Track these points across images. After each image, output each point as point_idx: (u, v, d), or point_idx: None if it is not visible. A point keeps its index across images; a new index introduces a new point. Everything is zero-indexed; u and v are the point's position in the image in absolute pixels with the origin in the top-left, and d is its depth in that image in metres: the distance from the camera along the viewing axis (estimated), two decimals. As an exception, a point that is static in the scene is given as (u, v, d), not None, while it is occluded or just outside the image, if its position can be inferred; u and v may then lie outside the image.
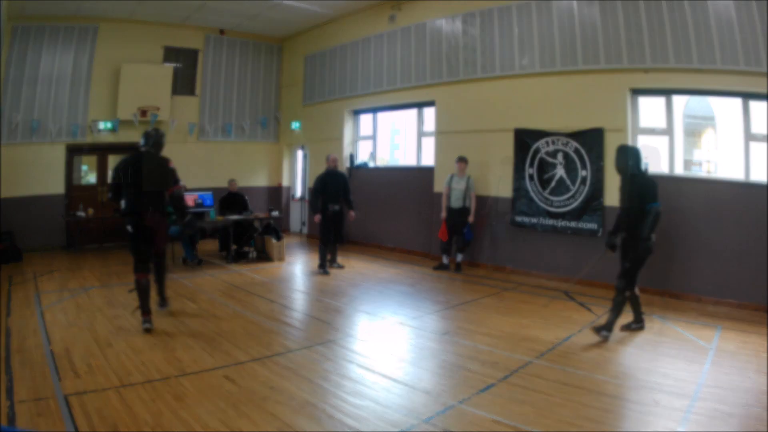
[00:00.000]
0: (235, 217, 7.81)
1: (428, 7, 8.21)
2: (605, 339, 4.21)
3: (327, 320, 4.83)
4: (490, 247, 7.51)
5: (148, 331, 4.28)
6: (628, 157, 4.30)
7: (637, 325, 4.52)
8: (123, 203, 4.46)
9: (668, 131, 5.98)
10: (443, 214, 7.20)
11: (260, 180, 11.40)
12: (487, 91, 7.47)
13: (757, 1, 5.02)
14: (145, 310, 4.37)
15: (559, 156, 6.61)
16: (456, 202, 7.13)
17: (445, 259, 7.35)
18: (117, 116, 9.24)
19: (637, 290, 4.42)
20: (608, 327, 4.24)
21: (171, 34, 9.89)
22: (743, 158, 5.45)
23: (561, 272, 6.63)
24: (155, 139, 4.58)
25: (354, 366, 3.69)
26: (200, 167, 10.14)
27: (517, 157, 7.05)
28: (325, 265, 7.14)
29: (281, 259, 7.92)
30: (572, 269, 6.43)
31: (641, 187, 4.22)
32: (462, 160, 7.16)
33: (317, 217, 7.05)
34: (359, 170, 9.65)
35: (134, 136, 9.55)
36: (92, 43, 8.97)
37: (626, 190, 4.31)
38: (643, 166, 4.31)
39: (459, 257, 7.28)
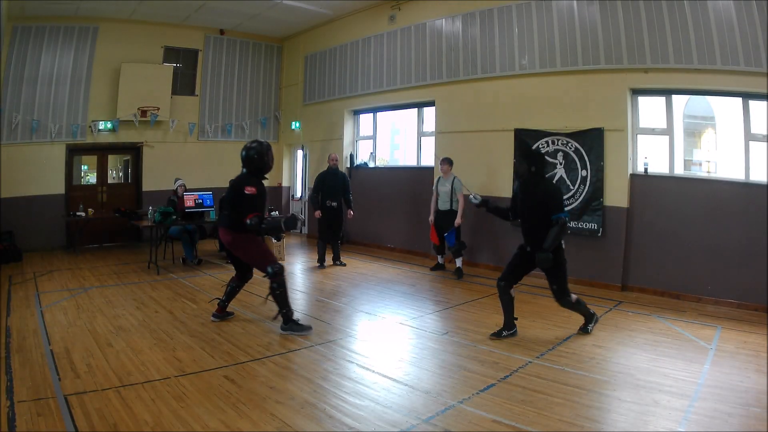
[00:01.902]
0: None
1: (428, 7, 8.21)
2: (591, 331, 4.40)
3: (327, 320, 4.83)
4: (490, 247, 7.50)
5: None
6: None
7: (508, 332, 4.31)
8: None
9: (668, 131, 5.98)
10: (431, 218, 7.04)
11: (260, 180, 11.38)
12: (487, 91, 7.46)
13: (757, 1, 5.02)
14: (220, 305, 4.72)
15: (559, 156, 6.61)
16: (443, 205, 6.85)
17: (440, 259, 7.33)
18: (117, 116, 9.23)
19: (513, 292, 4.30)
20: (590, 320, 4.43)
21: (171, 34, 9.88)
22: (743, 158, 5.45)
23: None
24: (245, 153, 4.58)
25: (354, 366, 3.69)
26: (200, 167, 10.14)
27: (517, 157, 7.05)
28: (323, 260, 7.24)
29: (281, 258, 7.92)
30: (572, 269, 6.40)
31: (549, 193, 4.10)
32: (446, 162, 6.91)
33: (318, 213, 7.23)
34: (359, 170, 9.65)
35: (134, 136, 9.60)
36: (92, 43, 8.97)
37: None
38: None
39: (458, 262, 6.88)
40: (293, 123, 11.03)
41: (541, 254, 3.94)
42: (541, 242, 4.01)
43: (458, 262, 6.90)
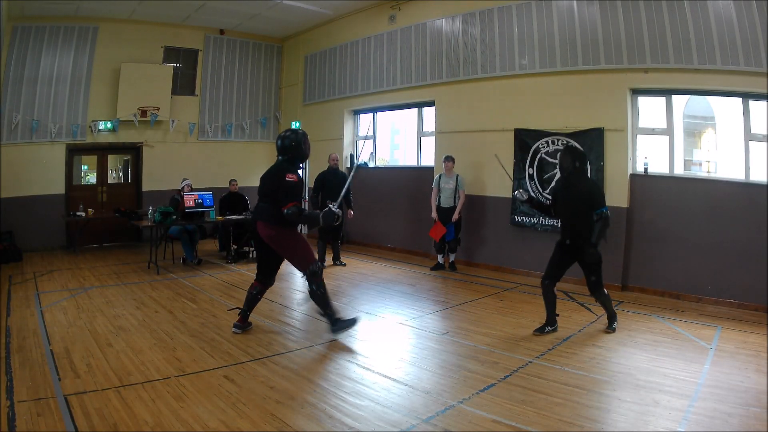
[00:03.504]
0: (235, 217, 7.82)
1: (428, 7, 8.21)
2: (614, 330, 4.44)
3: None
4: (490, 247, 7.51)
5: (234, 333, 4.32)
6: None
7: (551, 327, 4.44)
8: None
9: (668, 131, 5.98)
10: (433, 215, 7.17)
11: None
12: (487, 91, 7.46)
13: (757, 1, 5.02)
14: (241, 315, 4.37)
15: (559, 156, 6.60)
16: (446, 201, 7.14)
17: (440, 259, 7.39)
18: (117, 116, 9.23)
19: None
20: (614, 319, 4.52)
21: (171, 34, 9.88)
22: (743, 158, 5.45)
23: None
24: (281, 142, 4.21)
25: (354, 366, 3.69)
26: (200, 167, 10.14)
27: (517, 157, 7.05)
28: (323, 260, 7.30)
29: (281, 259, 7.91)
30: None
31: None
32: (449, 160, 7.16)
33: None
34: (359, 170, 9.64)
35: (134, 136, 9.60)
36: (92, 43, 8.96)
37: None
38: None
39: (452, 257, 7.30)
40: (293, 123, 11.01)
41: (590, 249, 4.11)
42: (580, 235, 4.17)
43: (452, 257, 7.31)
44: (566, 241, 4.33)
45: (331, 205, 4.09)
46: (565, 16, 6.51)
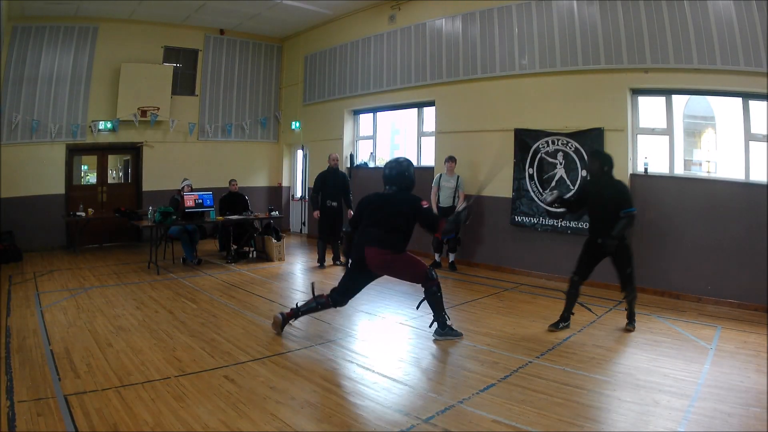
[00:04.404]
0: (235, 217, 7.82)
1: (428, 7, 8.21)
2: (633, 329, 4.53)
3: (327, 320, 4.83)
4: (490, 247, 7.51)
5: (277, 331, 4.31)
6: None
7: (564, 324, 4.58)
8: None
9: (668, 131, 5.98)
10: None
11: (260, 180, 11.40)
12: (487, 91, 7.47)
13: (757, 1, 5.02)
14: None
15: (559, 156, 6.61)
16: (446, 201, 7.19)
17: (437, 257, 7.42)
18: (117, 116, 9.23)
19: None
20: (633, 319, 4.63)
21: (171, 34, 9.89)
22: (743, 158, 5.45)
23: (561, 272, 6.62)
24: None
25: (354, 366, 3.69)
26: (200, 167, 10.15)
27: (517, 157, 7.05)
28: (323, 260, 7.28)
29: (281, 259, 7.92)
30: (573, 269, 6.41)
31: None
32: (451, 159, 7.22)
33: (316, 213, 7.27)
34: (359, 170, 9.65)
35: (134, 136, 9.60)
36: (92, 43, 8.97)
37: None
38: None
39: (452, 257, 7.32)
40: (293, 123, 11.04)
41: (608, 240, 4.28)
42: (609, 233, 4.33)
43: (451, 257, 7.32)
44: (597, 240, 4.48)
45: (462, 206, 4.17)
46: (565, 16, 6.51)
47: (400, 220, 4.06)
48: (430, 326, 4.32)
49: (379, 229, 4.06)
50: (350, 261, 4.32)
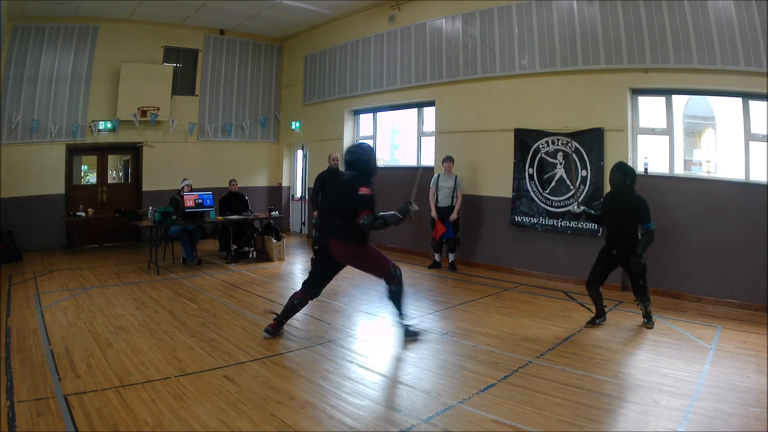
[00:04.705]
0: (235, 217, 7.82)
1: (428, 7, 8.21)
2: (652, 326, 4.63)
3: (327, 320, 4.84)
4: (490, 247, 7.51)
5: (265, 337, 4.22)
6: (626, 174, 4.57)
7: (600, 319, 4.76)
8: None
9: (668, 131, 5.98)
10: (433, 214, 7.22)
11: (260, 180, 11.40)
12: (487, 91, 7.46)
13: (757, 1, 5.01)
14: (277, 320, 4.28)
15: (559, 156, 6.61)
16: (444, 201, 7.19)
17: (437, 257, 7.43)
18: (117, 116, 9.23)
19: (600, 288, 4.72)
20: (649, 317, 4.71)
21: (171, 34, 9.88)
22: (743, 158, 5.45)
23: (561, 272, 6.63)
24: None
25: (354, 366, 3.69)
26: (200, 167, 10.15)
27: (517, 157, 7.05)
28: None
29: (281, 259, 7.92)
30: (572, 269, 6.43)
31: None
32: (449, 160, 7.22)
33: (315, 213, 7.24)
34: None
35: (134, 136, 9.60)
36: (92, 43, 8.97)
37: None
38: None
39: (451, 257, 7.32)
40: (293, 123, 11.04)
41: (635, 259, 4.36)
42: (627, 246, 4.44)
43: (451, 257, 7.32)
44: (613, 251, 4.57)
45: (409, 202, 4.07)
46: (565, 16, 6.51)
47: (353, 207, 3.92)
48: (406, 335, 4.27)
49: (339, 219, 3.99)
50: (315, 250, 4.30)
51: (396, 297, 4.22)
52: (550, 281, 6.61)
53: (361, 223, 3.84)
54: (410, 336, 4.25)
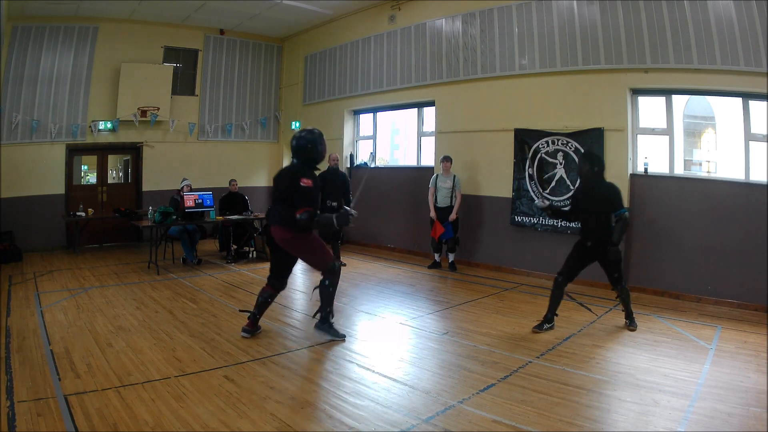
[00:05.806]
0: (235, 217, 7.82)
1: (428, 7, 8.21)
2: (635, 328, 4.56)
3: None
4: (490, 247, 7.51)
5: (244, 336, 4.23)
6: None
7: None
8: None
9: (668, 131, 5.98)
10: (432, 214, 7.23)
11: (260, 180, 11.40)
12: (487, 91, 7.47)
13: (757, 1, 5.02)
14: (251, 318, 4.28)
15: (559, 156, 6.61)
16: (443, 201, 7.19)
17: (437, 257, 7.44)
18: (117, 116, 9.23)
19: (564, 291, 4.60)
20: (631, 318, 4.65)
21: (171, 34, 9.88)
22: (743, 158, 5.45)
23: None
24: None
25: (354, 366, 3.69)
26: (200, 167, 10.15)
27: (516, 157, 7.05)
28: None
29: (281, 259, 7.91)
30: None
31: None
32: (447, 160, 7.23)
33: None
34: (359, 170, 9.65)
35: (134, 136, 9.60)
36: (92, 43, 8.97)
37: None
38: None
39: (451, 257, 7.32)
40: (293, 123, 11.03)
41: (612, 248, 4.27)
42: (601, 237, 4.34)
43: (451, 257, 7.32)
44: (587, 243, 4.46)
45: (346, 207, 4.06)
46: (565, 16, 6.51)
47: (288, 193, 3.95)
48: (314, 316, 4.30)
49: (280, 205, 4.01)
50: (266, 240, 4.29)
51: (326, 292, 4.13)
52: (550, 281, 6.55)
53: (298, 218, 3.85)
54: (329, 332, 4.21)
